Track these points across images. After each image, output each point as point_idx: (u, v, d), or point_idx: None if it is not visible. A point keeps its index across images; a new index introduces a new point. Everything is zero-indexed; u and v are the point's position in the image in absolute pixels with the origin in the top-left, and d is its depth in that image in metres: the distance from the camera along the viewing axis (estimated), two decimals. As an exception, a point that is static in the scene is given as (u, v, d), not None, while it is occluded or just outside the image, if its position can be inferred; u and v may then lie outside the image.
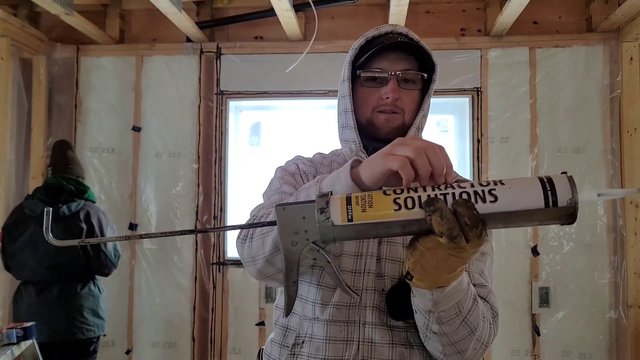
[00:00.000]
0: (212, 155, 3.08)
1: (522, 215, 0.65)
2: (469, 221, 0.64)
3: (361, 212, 0.68)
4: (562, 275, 2.87)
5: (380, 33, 1.07)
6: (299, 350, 0.99)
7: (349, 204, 0.69)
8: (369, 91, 1.06)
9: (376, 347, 0.94)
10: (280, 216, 0.71)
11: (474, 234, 0.65)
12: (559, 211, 0.65)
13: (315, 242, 0.71)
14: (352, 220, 0.68)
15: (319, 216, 0.69)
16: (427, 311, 0.81)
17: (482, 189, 0.66)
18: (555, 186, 0.65)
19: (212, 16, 3.15)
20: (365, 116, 1.08)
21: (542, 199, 0.65)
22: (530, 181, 0.66)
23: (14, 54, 2.93)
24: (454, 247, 0.66)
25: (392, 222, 0.67)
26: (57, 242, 0.72)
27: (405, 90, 1.04)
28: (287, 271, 0.73)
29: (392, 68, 1.03)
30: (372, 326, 0.95)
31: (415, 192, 0.68)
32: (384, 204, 0.68)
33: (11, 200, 2.96)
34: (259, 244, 0.87)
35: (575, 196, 0.64)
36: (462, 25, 3.07)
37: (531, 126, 2.92)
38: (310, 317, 0.99)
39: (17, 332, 2.24)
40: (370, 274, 0.96)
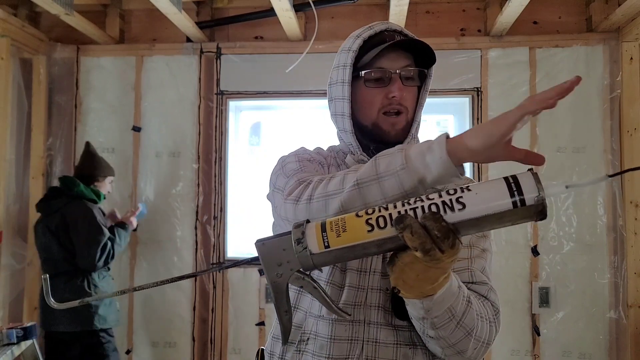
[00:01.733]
0: (212, 155, 3.08)
1: (492, 218, 0.66)
2: (439, 233, 0.65)
3: (336, 237, 0.69)
4: (562, 275, 2.87)
5: (376, 32, 1.05)
6: (304, 347, 0.98)
7: (324, 231, 0.70)
8: (373, 92, 1.04)
9: (380, 346, 0.94)
10: (261, 251, 0.73)
11: (446, 245, 0.66)
12: (528, 209, 0.65)
13: (299, 270, 0.73)
14: (328, 247, 0.69)
15: (297, 247, 0.70)
16: (420, 318, 0.82)
17: (450, 198, 0.67)
18: (520, 185, 0.65)
19: (212, 16, 3.15)
20: (371, 119, 1.05)
21: (510, 200, 0.65)
22: (496, 183, 0.67)
23: (14, 54, 2.93)
24: (430, 259, 0.67)
25: (367, 243, 0.69)
26: (57, 305, 0.76)
27: (407, 87, 1.04)
28: (278, 302, 0.75)
29: (394, 66, 1.02)
30: (377, 326, 0.94)
31: (386, 210, 0.69)
32: (357, 226, 0.69)
33: (11, 200, 2.96)
34: (321, 205, 0.83)
35: (542, 193, 0.64)
36: (462, 25, 3.07)
37: (531, 126, 2.92)
38: (315, 314, 0.98)
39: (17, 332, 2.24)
40: (376, 272, 0.96)
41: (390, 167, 0.78)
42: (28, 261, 3.01)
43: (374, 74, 1.03)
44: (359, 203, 0.79)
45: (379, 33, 1.05)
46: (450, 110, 3.17)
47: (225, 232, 3.07)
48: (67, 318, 2.52)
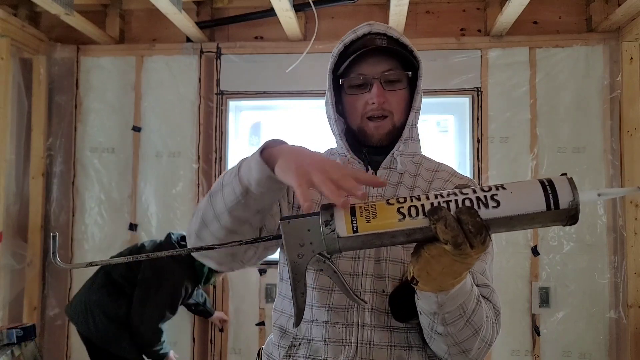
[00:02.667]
0: (212, 155, 3.08)
1: (525, 218, 0.66)
2: (472, 228, 0.65)
3: (366, 222, 0.69)
4: (562, 275, 2.87)
5: (358, 36, 1.04)
6: (294, 352, 0.99)
7: (354, 215, 0.69)
8: (354, 98, 1.04)
9: (374, 348, 0.94)
10: (285, 230, 0.72)
11: (478, 241, 0.66)
12: (561, 213, 0.65)
13: (321, 253, 0.72)
14: (357, 232, 0.69)
15: (324, 229, 0.69)
16: (432, 313, 0.82)
17: (485, 195, 0.67)
18: (556, 188, 0.66)
19: (212, 16, 3.15)
20: (356, 123, 1.07)
21: (544, 202, 0.65)
22: (531, 184, 0.67)
23: (14, 54, 2.93)
24: (459, 253, 0.67)
25: (397, 231, 0.68)
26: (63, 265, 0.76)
27: (390, 91, 1.03)
28: (295, 283, 0.74)
29: (373, 72, 1.01)
30: (370, 328, 0.95)
31: (418, 201, 0.69)
32: (387, 213, 0.69)
33: (11, 200, 2.96)
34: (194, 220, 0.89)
35: (577, 197, 0.65)
36: (462, 25, 3.07)
37: (531, 126, 2.92)
38: (308, 319, 0.98)
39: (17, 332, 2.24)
40: (368, 275, 0.96)
41: (229, 177, 0.83)
42: (28, 261, 3.01)
43: (353, 81, 1.03)
44: (210, 213, 0.84)
45: (361, 37, 1.04)
46: (450, 110, 3.17)
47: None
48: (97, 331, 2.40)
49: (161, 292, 2.37)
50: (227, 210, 0.83)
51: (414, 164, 1.10)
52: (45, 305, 3.05)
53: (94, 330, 2.40)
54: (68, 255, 3.07)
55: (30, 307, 3.00)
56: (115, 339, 2.39)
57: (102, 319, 2.38)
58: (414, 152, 1.11)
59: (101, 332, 2.39)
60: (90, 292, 2.47)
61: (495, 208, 0.66)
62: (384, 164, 1.07)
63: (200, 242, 0.88)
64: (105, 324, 2.38)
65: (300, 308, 0.76)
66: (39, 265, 3.03)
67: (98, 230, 3.09)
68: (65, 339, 3.04)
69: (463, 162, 3.04)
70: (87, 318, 2.41)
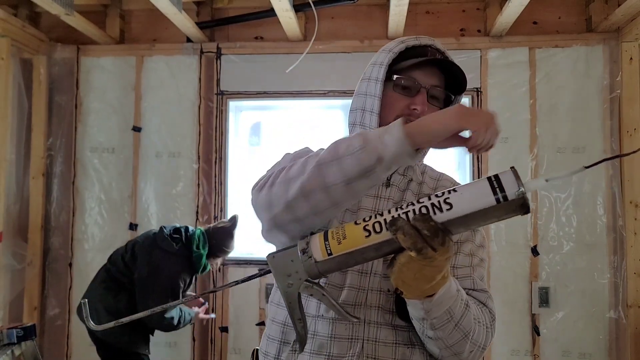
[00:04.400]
0: (212, 155, 3.08)
1: (478, 215, 0.70)
2: (428, 232, 0.71)
3: (337, 244, 0.75)
4: (562, 275, 2.87)
5: (420, 44, 1.07)
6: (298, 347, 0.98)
7: (326, 240, 0.76)
8: (398, 97, 1.05)
9: (380, 345, 0.95)
10: (272, 264, 0.80)
11: (437, 243, 0.71)
12: (510, 204, 0.69)
13: (308, 280, 0.79)
14: (331, 254, 0.75)
15: (302, 257, 0.77)
16: (420, 319, 0.86)
17: (438, 200, 0.72)
18: (502, 182, 0.70)
19: (212, 16, 3.16)
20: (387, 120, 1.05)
21: (493, 197, 0.69)
22: (479, 182, 0.72)
23: (14, 54, 2.93)
24: (423, 257, 0.72)
25: (366, 247, 0.74)
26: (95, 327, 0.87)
27: (430, 105, 1.05)
28: (291, 310, 0.81)
29: (425, 81, 1.04)
30: (376, 325, 0.96)
31: (381, 216, 0.75)
32: (356, 232, 0.75)
33: (11, 200, 2.97)
34: (282, 189, 0.86)
35: (522, 188, 0.68)
36: (462, 25, 3.07)
37: (531, 126, 2.93)
38: (313, 314, 0.99)
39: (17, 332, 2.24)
40: (376, 275, 0.97)
41: (350, 149, 0.81)
42: (28, 261, 3.02)
43: (404, 81, 1.04)
44: (318, 183, 0.81)
45: (422, 46, 1.07)
46: (450, 110, 3.17)
47: (225, 232, 3.07)
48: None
49: (160, 288, 2.38)
50: (344, 181, 0.80)
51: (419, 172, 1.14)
52: (46, 305, 3.05)
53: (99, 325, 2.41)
54: (68, 255, 3.07)
55: (30, 307, 3.01)
56: (116, 333, 2.40)
57: (104, 314, 2.40)
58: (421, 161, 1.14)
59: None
60: (92, 289, 2.49)
61: (449, 210, 0.71)
62: (400, 170, 1.09)
63: (288, 212, 0.85)
64: (106, 319, 2.39)
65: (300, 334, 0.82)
66: (39, 265, 3.03)
67: (98, 230, 3.10)
68: (65, 339, 3.04)
69: (463, 162, 3.05)
70: (92, 315, 2.43)
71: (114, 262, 2.52)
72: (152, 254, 2.41)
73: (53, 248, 3.07)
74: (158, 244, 2.45)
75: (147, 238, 2.53)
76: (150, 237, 2.52)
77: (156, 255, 2.41)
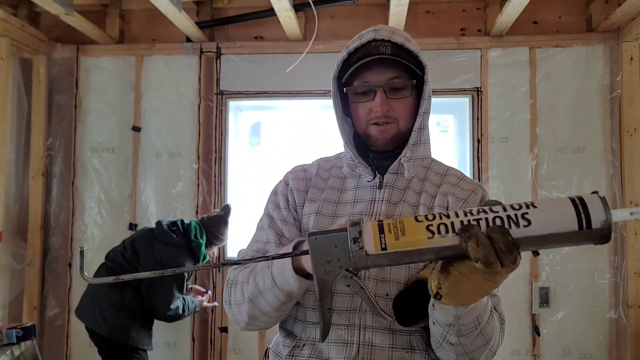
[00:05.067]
0: (212, 155, 3.07)
1: (556, 238, 0.65)
2: (504, 247, 0.64)
3: (394, 240, 0.68)
4: (562, 275, 2.86)
5: (362, 43, 1.03)
6: (298, 352, 1.00)
7: (382, 232, 0.69)
8: (359, 106, 1.05)
9: (376, 350, 0.94)
10: (312, 245, 0.72)
11: (509, 260, 0.65)
12: (593, 233, 0.64)
13: (348, 270, 0.72)
14: (386, 249, 0.68)
15: (353, 246, 0.69)
16: (447, 324, 0.82)
17: (515, 213, 0.66)
18: (588, 208, 0.65)
19: (212, 16, 3.15)
20: (361, 129, 1.07)
21: (576, 222, 0.64)
22: (563, 203, 0.66)
23: (14, 54, 2.93)
24: (489, 272, 0.66)
25: (426, 249, 0.68)
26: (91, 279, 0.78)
27: (395, 99, 1.02)
28: (322, 299, 0.74)
29: (377, 80, 1.01)
30: (372, 330, 0.95)
31: (447, 218, 0.68)
32: (417, 230, 0.68)
33: (11, 200, 2.96)
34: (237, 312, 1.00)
35: (609, 217, 0.64)
36: (462, 25, 3.07)
37: (531, 126, 2.92)
38: (313, 321, 1.00)
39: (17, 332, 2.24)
40: (370, 279, 0.96)
41: (266, 285, 0.91)
42: (28, 261, 3.01)
43: (357, 89, 1.03)
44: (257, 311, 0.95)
45: (366, 44, 1.02)
46: (450, 110, 3.17)
47: (225, 232, 3.07)
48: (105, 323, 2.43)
49: (167, 280, 2.42)
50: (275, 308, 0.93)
51: (423, 168, 1.11)
52: (45, 305, 3.05)
53: (103, 323, 2.43)
54: (68, 255, 3.07)
55: (30, 307, 3.00)
56: (123, 329, 2.43)
57: (109, 311, 2.43)
58: (423, 155, 1.11)
59: (109, 323, 2.43)
60: (95, 288, 2.50)
61: (526, 227, 0.65)
62: (391, 169, 1.07)
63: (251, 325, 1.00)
64: (113, 315, 2.43)
65: (326, 324, 0.77)
66: (39, 265, 3.03)
67: (98, 230, 3.09)
68: (65, 339, 3.04)
69: (463, 162, 3.04)
70: (95, 313, 2.46)
71: (113, 260, 2.54)
72: (155, 248, 2.47)
73: (52, 248, 3.07)
74: (158, 238, 2.50)
75: (145, 234, 2.56)
76: (149, 233, 2.56)
77: (159, 248, 2.47)
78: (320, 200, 1.08)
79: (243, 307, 0.96)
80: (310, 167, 1.16)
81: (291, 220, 1.07)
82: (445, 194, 1.05)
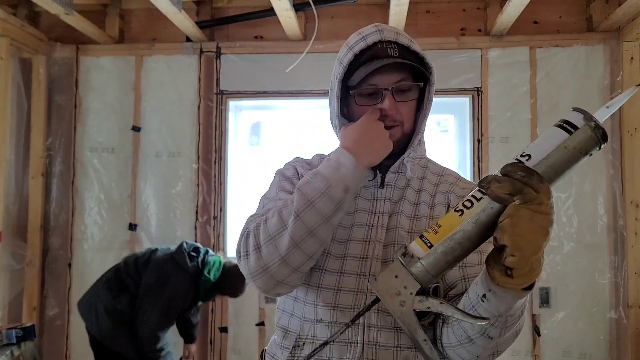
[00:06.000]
0: (211, 155, 3.07)
1: (558, 155, 0.69)
2: (522, 172, 0.67)
3: (435, 234, 0.72)
4: (562, 275, 2.86)
5: (368, 44, 1.01)
6: (299, 352, 0.98)
7: (422, 237, 0.73)
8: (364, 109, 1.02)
9: (380, 349, 0.93)
10: (377, 288, 0.74)
11: (535, 180, 0.67)
12: (584, 132, 0.68)
13: (419, 292, 0.73)
14: (432, 246, 0.72)
15: (404, 259, 0.73)
16: (497, 316, 0.78)
17: (517, 158, 0.71)
18: (567, 118, 0.71)
19: (212, 16, 3.15)
20: None
21: (563, 131, 0.70)
22: (549, 129, 0.72)
23: (13, 54, 2.93)
24: (530, 200, 0.66)
25: (464, 224, 0.70)
26: None
27: (402, 102, 1.02)
28: (411, 332, 0.73)
29: (385, 83, 1.00)
30: (377, 329, 0.94)
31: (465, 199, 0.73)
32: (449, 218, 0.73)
33: (11, 200, 2.96)
34: (271, 248, 0.89)
35: (587, 114, 0.69)
36: (462, 25, 3.06)
37: (531, 126, 2.92)
38: (311, 318, 0.98)
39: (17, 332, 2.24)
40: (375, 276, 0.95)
41: (317, 191, 0.89)
42: (28, 261, 3.01)
43: (364, 92, 1.02)
44: (304, 230, 0.88)
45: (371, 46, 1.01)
46: (451, 110, 3.16)
47: (225, 232, 3.06)
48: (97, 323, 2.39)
49: (161, 296, 2.36)
50: (324, 220, 0.89)
51: (420, 167, 1.11)
52: (45, 305, 3.05)
53: (96, 324, 2.41)
54: (68, 255, 3.06)
55: (29, 307, 3.00)
56: (112, 335, 2.39)
57: (102, 313, 2.39)
58: (420, 155, 1.11)
59: (102, 326, 2.40)
60: (96, 287, 2.49)
61: (529, 160, 0.70)
62: (393, 168, 1.07)
63: (285, 266, 0.89)
64: (105, 318, 2.39)
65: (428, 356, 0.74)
66: (39, 265, 3.02)
67: (98, 230, 3.09)
68: (64, 339, 3.04)
69: (463, 162, 3.04)
70: (91, 313, 2.43)
71: (126, 262, 2.51)
72: (164, 265, 2.42)
73: (52, 248, 3.07)
74: (174, 257, 2.45)
75: (167, 250, 2.52)
76: (170, 251, 2.52)
77: (168, 267, 2.42)
78: None
79: (284, 236, 0.88)
80: (311, 160, 1.16)
81: None
82: (446, 193, 1.06)
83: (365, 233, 1.01)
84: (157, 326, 2.37)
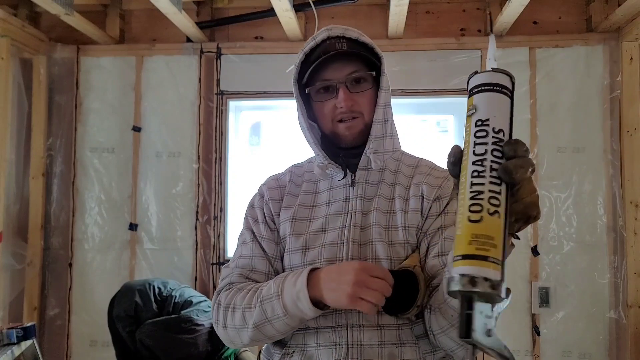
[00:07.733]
0: (212, 156, 3.08)
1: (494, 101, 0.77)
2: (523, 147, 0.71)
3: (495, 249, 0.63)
4: (562, 275, 2.87)
5: (317, 43, 1.06)
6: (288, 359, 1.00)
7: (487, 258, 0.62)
8: (322, 105, 1.06)
9: (365, 348, 0.94)
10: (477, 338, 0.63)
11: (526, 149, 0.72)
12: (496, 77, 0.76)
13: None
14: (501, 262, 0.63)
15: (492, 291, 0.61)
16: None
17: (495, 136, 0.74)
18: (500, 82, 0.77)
19: (212, 16, 3.15)
20: (328, 128, 1.08)
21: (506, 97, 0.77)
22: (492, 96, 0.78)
23: (14, 54, 2.93)
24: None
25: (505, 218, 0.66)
26: None
27: (358, 93, 1.03)
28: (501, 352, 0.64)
29: (337, 76, 1.03)
30: (359, 328, 0.95)
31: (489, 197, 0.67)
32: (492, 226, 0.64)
33: (11, 201, 2.96)
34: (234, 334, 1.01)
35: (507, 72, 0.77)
36: (462, 25, 3.07)
37: (531, 126, 2.92)
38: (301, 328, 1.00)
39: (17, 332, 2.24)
40: None
41: (275, 314, 0.93)
42: (28, 261, 3.01)
43: (319, 88, 1.05)
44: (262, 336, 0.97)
45: (320, 43, 1.05)
46: (450, 110, 3.16)
47: (225, 232, 3.07)
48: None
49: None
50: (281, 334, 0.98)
51: (394, 161, 1.12)
52: (45, 305, 3.05)
53: None
54: (68, 255, 3.07)
55: (30, 307, 3.00)
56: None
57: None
58: (393, 148, 1.12)
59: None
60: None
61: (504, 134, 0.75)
62: (361, 165, 1.08)
63: (255, 343, 1.01)
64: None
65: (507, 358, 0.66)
66: (39, 265, 3.03)
67: (98, 230, 3.09)
68: (65, 339, 3.04)
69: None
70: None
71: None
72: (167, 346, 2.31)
73: (53, 248, 3.07)
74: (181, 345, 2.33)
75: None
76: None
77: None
78: (295, 205, 1.09)
79: (245, 333, 0.98)
80: (282, 175, 1.19)
81: (270, 236, 1.09)
82: (419, 184, 1.06)
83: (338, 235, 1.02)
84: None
